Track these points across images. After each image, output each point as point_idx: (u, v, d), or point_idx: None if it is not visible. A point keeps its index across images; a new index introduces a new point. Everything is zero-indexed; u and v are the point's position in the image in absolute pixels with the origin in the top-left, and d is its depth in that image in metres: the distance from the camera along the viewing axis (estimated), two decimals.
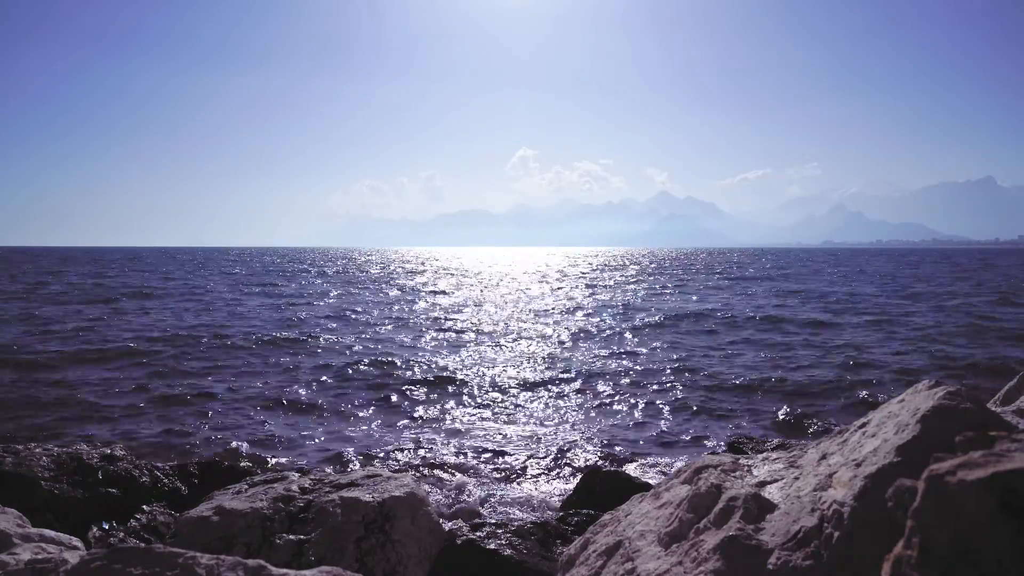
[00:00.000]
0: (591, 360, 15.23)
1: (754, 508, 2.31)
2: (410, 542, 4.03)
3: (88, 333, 18.44)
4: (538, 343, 17.96)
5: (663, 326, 21.42)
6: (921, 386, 2.28)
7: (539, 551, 4.08)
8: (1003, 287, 37.17)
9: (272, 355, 15.66)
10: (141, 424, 9.81)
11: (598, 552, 2.77)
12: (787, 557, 2.04)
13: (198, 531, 3.89)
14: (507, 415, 10.58)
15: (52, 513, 4.73)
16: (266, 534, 3.88)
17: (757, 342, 17.86)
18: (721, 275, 54.99)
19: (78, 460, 5.32)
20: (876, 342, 17.51)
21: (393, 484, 4.28)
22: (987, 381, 11.93)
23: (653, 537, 2.60)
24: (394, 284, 44.43)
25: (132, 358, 14.82)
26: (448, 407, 11.01)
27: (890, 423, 2.21)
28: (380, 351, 16.46)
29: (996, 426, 1.94)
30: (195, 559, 2.25)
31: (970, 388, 2.17)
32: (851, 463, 2.17)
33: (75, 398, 11.11)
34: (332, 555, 3.77)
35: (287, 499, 4.14)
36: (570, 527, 4.48)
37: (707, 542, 2.27)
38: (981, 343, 17.18)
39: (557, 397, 11.74)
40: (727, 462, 2.83)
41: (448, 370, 13.93)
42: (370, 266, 75.58)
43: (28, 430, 9.26)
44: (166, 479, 5.68)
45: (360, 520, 3.96)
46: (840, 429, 2.58)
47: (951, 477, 1.08)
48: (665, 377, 13.26)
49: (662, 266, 78.80)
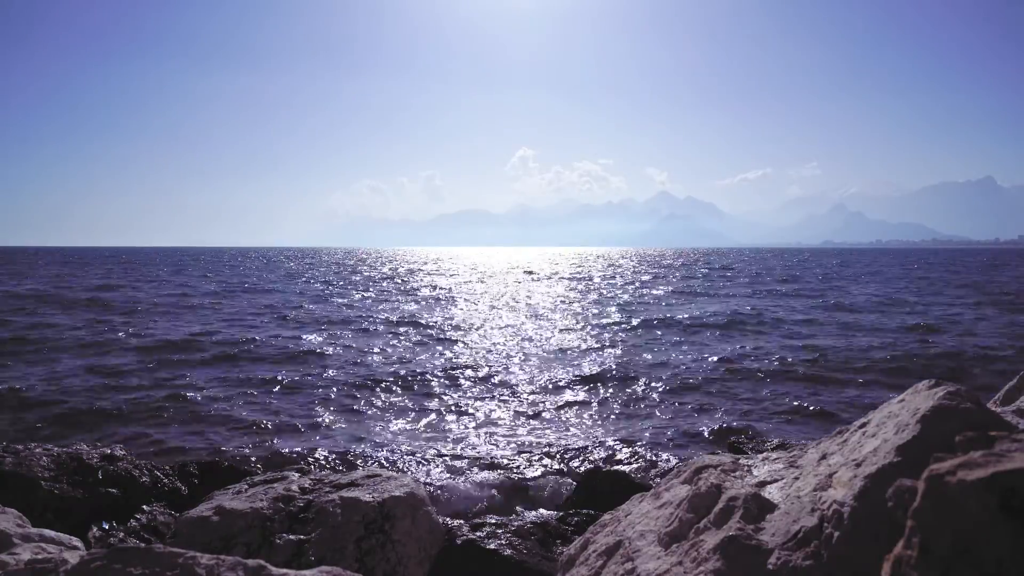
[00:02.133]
0: (591, 360, 15.22)
1: (754, 508, 2.31)
2: (410, 542, 4.03)
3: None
4: (538, 343, 17.96)
5: (663, 326, 21.41)
6: (921, 386, 2.28)
7: (539, 551, 4.08)
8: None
9: (273, 354, 15.67)
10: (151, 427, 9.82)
11: (598, 552, 2.77)
12: (787, 557, 2.04)
13: (198, 531, 3.88)
14: (507, 415, 10.58)
15: (52, 513, 4.73)
16: (266, 534, 3.88)
17: (759, 342, 17.86)
18: (728, 277, 54.94)
19: (78, 460, 5.32)
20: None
21: (393, 484, 4.28)
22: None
23: (653, 537, 2.60)
24: (409, 287, 44.42)
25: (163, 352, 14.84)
26: (448, 408, 11.01)
27: (890, 423, 2.21)
28: (380, 351, 16.47)
29: (996, 426, 1.94)
30: (195, 559, 2.25)
31: (970, 388, 2.17)
32: (851, 463, 2.17)
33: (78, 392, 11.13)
34: (332, 555, 3.77)
35: (287, 499, 4.14)
36: (570, 527, 4.48)
37: (707, 542, 2.27)
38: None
39: (557, 397, 11.74)
40: (727, 462, 2.83)
41: (448, 371, 13.92)
42: (401, 269, 68.16)
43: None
44: (166, 479, 5.68)
45: (360, 520, 3.96)
46: (840, 429, 2.58)
47: (951, 477, 1.08)
48: (665, 377, 13.25)
49: (661, 265, 78.78)
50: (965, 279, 46.32)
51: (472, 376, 13.37)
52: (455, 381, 12.89)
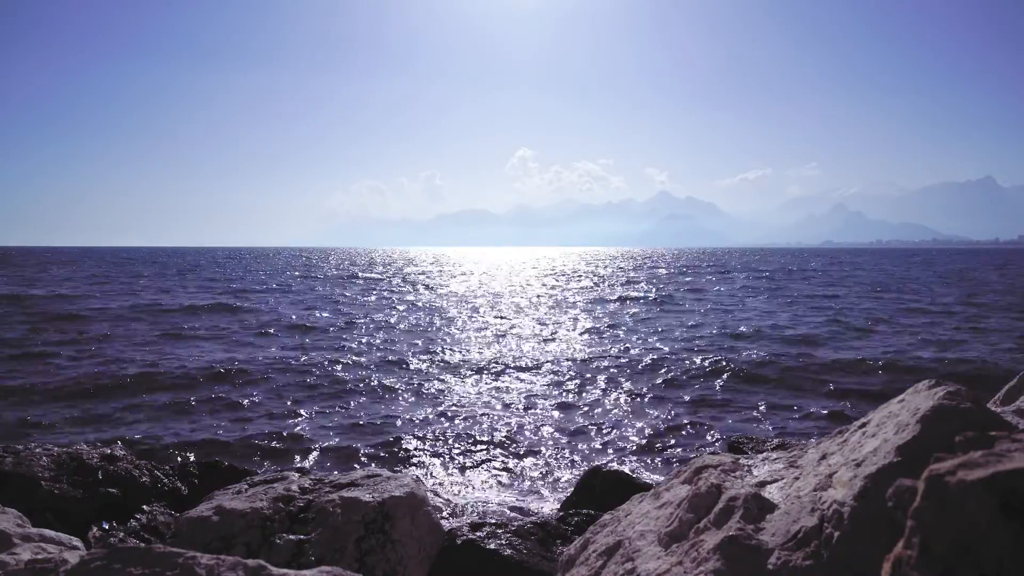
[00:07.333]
0: (591, 360, 15.22)
1: (754, 508, 2.31)
2: (410, 542, 4.02)
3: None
4: (538, 343, 17.95)
5: (663, 326, 21.41)
6: (921, 386, 2.27)
7: (539, 551, 4.07)
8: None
9: (274, 358, 15.67)
10: (150, 423, 9.82)
11: (598, 552, 2.77)
12: (787, 557, 2.04)
13: (198, 531, 3.88)
14: (507, 415, 10.58)
15: (52, 513, 4.72)
16: (266, 534, 3.87)
17: (759, 342, 17.86)
18: (736, 275, 54.91)
19: (78, 460, 5.32)
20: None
21: (393, 484, 4.28)
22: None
23: (653, 537, 2.59)
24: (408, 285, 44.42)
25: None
26: (448, 407, 11.01)
27: (890, 423, 2.21)
28: (380, 353, 16.47)
29: (996, 426, 1.94)
30: (195, 559, 2.24)
31: (970, 388, 2.17)
32: (851, 463, 2.16)
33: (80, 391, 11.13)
34: (332, 555, 3.76)
35: (287, 499, 4.14)
36: (570, 527, 4.47)
37: (707, 542, 2.27)
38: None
39: (557, 397, 11.74)
40: (727, 462, 2.83)
41: (446, 371, 13.92)
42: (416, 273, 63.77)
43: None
44: (166, 479, 5.67)
45: (360, 520, 3.96)
46: (840, 429, 2.57)
47: (951, 477, 1.08)
48: (665, 378, 13.26)
49: (661, 264, 78.76)
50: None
51: (471, 376, 13.37)
52: (454, 381, 12.89)
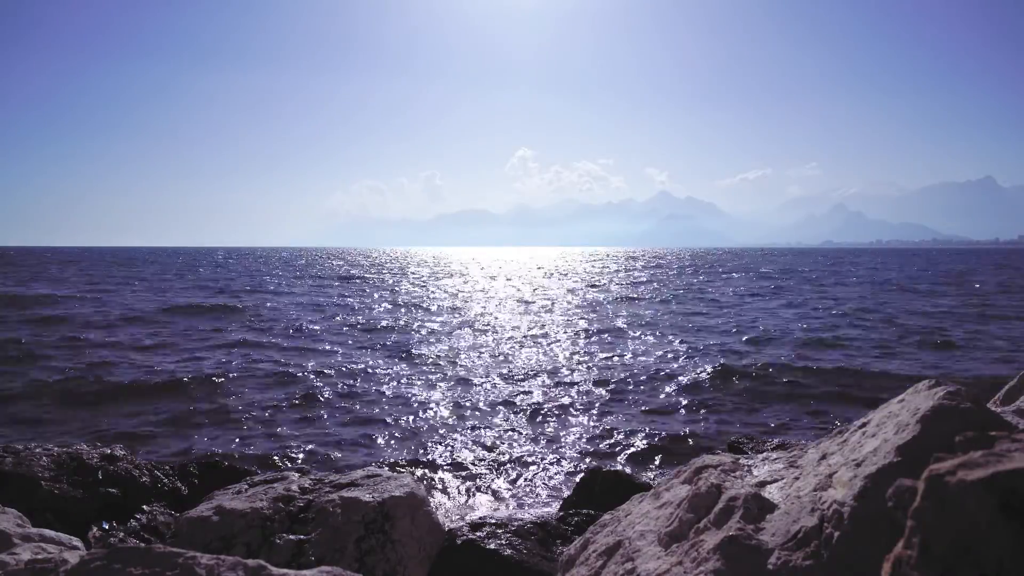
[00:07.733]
0: (591, 360, 15.22)
1: (754, 508, 2.31)
2: (410, 542, 4.02)
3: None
4: (538, 343, 17.95)
5: (665, 326, 21.41)
6: (921, 386, 2.27)
7: (539, 551, 4.07)
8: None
9: (275, 356, 15.67)
10: (149, 424, 9.82)
11: (598, 552, 2.77)
12: (787, 557, 2.04)
13: (198, 531, 3.88)
14: (507, 415, 10.58)
15: (52, 513, 4.72)
16: (266, 534, 3.87)
17: (759, 344, 17.86)
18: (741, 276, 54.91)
19: (78, 460, 5.32)
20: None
21: (393, 484, 4.28)
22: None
23: (653, 537, 2.59)
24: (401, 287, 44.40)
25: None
26: (448, 408, 11.01)
27: (890, 423, 2.21)
28: (380, 353, 16.47)
29: (996, 426, 1.94)
30: (195, 559, 2.24)
31: (970, 388, 2.17)
32: (851, 463, 2.16)
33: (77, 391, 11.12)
34: (332, 555, 3.76)
35: (287, 499, 4.14)
36: (570, 527, 4.47)
37: (707, 542, 2.27)
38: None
39: (557, 397, 11.74)
40: (727, 462, 2.83)
41: (445, 371, 13.92)
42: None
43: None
44: (166, 479, 5.67)
45: (360, 520, 3.96)
46: (840, 429, 2.57)
47: (951, 477, 1.08)
48: (666, 378, 13.25)
49: (661, 264, 78.76)
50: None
51: (471, 376, 13.37)
52: (454, 381, 12.88)
